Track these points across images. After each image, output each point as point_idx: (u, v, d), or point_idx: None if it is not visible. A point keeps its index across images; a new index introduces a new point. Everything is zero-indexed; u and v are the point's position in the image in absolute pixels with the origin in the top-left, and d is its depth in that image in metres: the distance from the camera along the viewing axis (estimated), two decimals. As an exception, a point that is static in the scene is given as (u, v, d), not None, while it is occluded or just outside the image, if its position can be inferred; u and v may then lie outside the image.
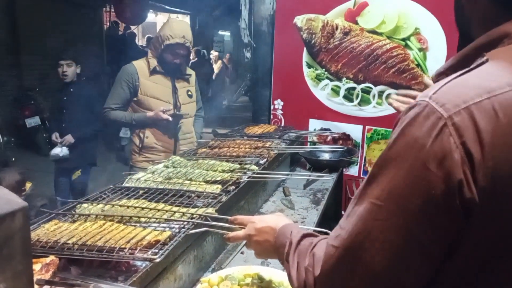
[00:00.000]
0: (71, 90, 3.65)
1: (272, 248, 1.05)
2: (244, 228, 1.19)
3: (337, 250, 0.72)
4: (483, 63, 0.67)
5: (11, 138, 6.62)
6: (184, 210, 1.49)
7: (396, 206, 0.65)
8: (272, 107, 3.61)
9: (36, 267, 1.05)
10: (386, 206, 0.66)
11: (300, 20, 3.34)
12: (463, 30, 0.83)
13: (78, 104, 3.54)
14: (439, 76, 0.75)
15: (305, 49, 3.40)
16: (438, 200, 0.61)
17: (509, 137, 0.60)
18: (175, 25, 2.73)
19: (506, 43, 0.69)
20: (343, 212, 3.31)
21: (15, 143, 6.71)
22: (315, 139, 3.43)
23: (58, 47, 8.32)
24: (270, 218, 1.14)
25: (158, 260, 1.15)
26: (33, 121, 6.93)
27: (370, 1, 3.13)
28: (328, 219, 3.29)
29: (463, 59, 0.73)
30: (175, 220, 1.41)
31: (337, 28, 3.25)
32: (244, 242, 1.22)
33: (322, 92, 3.38)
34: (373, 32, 3.15)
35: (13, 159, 6.34)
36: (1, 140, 6.18)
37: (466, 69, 0.68)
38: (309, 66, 3.40)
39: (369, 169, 0.68)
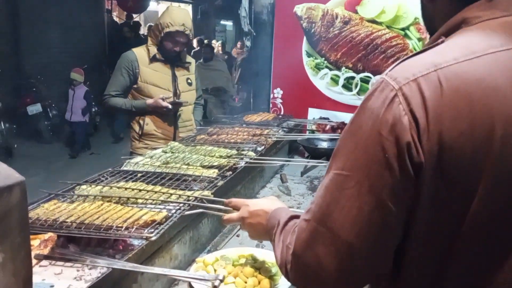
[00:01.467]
0: None
1: (264, 230, 1.08)
2: (238, 211, 1.22)
3: (308, 223, 0.75)
4: (437, 44, 0.73)
5: (13, 126, 6.67)
6: (181, 192, 1.53)
7: (360, 173, 0.70)
8: (271, 95, 3.63)
9: (35, 242, 1.09)
10: (351, 175, 0.71)
11: (300, 9, 3.35)
12: (429, 27, 0.89)
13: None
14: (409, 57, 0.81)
15: (305, 38, 3.41)
16: (392, 163, 0.67)
17: (453, 105, 0.66)
18: (175, 13, 2.74)
19: (464, 28, 0.75)
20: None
21: (16, 131, 6.76)
22: (314, 127, 3.45)
23: (59, 35, 8.34)
24: (264, 202, 1.17)
25: (153, 238, 1.19)
26: (34, 109, 6.97)
27: (370, -10, 3.13)
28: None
29: (432, 41, 0.79)
30: (172, 202, 1.44)
31: (337, 17, 3.25)
32: (239, 224, 1.24)
33: (321, 81, 3.40)
34: (372, 21, 3.15)
35: (15, 146, 6.40)
36: (3, 127, 6.23)
37: (421, 49, 0.74)
38: (309, 55, 3.41)
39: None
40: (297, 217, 0.93)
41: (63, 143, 7.21)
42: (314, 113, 3.47)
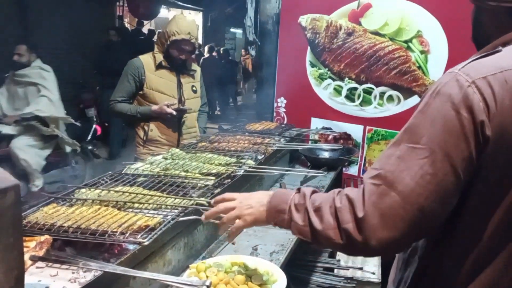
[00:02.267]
0: None
1: (265, 208, 1.10)
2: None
3: (379, 187, 0.87)
4: (497, 51, 0.94)
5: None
6: (177, 198, 1.56)
7: (436, 145, 0.85)
8: (275, 104, 3.66)
9: (31, 244, 1.12)
10: (426, 148, 0.86)
11: (304, 20, 3.39)
12: (480, 42, 1.07)
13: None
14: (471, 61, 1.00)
15: (309, 48, 3.44)
16: (468, 136, 0.84)
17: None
18: (181, 22, 2.80)
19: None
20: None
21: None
22: (316, 137, 3.47)
23: (69, 41, 8.48)
24: (255, 192, 1.20)
25: (146, 243, 1.22)
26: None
27: (373, 2, 3.16)
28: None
29: (485, 50, 0.98)
30: (167, 207, 1.48)
31: (340, 28, 3.29)
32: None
33: (324, 91, 3.43)
34: (376, 33, 3.18)
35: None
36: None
37: (483, 53, 0.95)
38: (313, 65, 3.45)
39: (369, 169, 0.81)
40: (315, 191, 1.04)
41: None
42: (317, 123, 3.50)
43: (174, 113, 2.76)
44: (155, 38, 11.70)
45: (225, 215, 1.18)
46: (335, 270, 2.61)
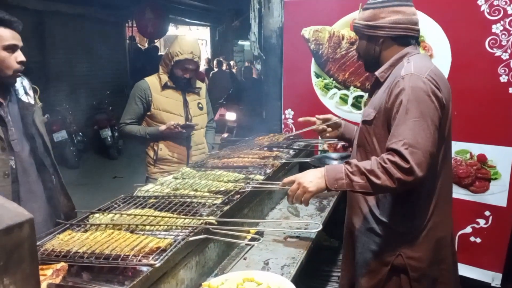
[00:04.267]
0: None
1: (323, 179, 1.63)
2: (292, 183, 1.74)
3: (408, 149, 1.49)
4: (405, 62, 1.70)
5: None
6: (187, 218, 1.60)
7: (426, 116, 1.53)
8: (283, 116, 3.70)
9: (48, 272, 1.18)
10: (422, 118, 1.52)
11: (307, 32, 3.43)
12: (370, 58, 1.83)
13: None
14: (380, 73, 1.77)
15: (313, 59, 3.48)
16: (437, 107, 1.57)
17: (441, 83, 1.63)
18: (183, 42, 2.87)
19: (409, 56, 1.72)
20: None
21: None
22: (325, 147, 3.49)
23: (84, 64, 8.70)
24: (306, 172, 1.74)
25: (158, 265, 1.27)
26: (60, 135, 7.24)
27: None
28: (340, 226, 3.34)
29: (390, 65, 1.75)
30: (177, 228, 1.52)
31: (343, 38, 3.32)
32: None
33: (330, 101, 3.45)
34: (378, 41, 3.19)
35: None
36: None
37: (404, 61, 1.71)
38: (318, 76, 3.48)
39: (394, 140, 1.59)
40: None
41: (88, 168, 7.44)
42: (325, 133, 3.51)
43: (183, 131, 2.82)
44: (160, 52, 11.96)
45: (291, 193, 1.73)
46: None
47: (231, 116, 7.48)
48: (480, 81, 2.79)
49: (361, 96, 3.34)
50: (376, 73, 1.79)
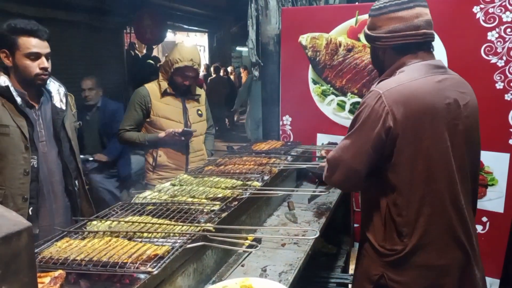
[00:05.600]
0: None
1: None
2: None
3: (334, 160, 1.68)
4: (394, 75, 1.64)
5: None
6: (184, 225, 1.61)
7: (362, 134, 1.57)
8: (281, 123, 3.71)
9: (46, 280, 1.18)
10: (356, 137, 1.59)
11: (304, 39, 3.46)
12: (379, 66, 1.78)
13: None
14: (380, 81, 1.69)
15: (310, 66, 3.50)
16: (381, 132, 1.53)
17: (405, 103, 1.52)
18: (183, 49, 2.89)
19: (404, 66, 1.64)
20: (351, 224, 3.36)
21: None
22: (323, 153, 3.50)
23: (81, 70, 8.71)
24: None
25: (155, 272, 1.27)
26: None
27: (371, 18, 3.21)
28: (338, 232, 3.35)
29: (387, 74, 1.68)
30: (175, 235, 1.52)
31: (340, 45, 3.35)
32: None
33: (328, 107, 3.47)
34: (375, 48, 3.22)
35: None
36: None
37: (388, 77, 1.66)
38: (315, 83, 3.50)
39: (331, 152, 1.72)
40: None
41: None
42: (322, 139, 3.54)
43: (182, 138, 2.83)
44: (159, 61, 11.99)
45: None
46: (349, 286, 2.61)
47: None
48: (476, 88, 2.78)
49: (358, 103, 3.36)
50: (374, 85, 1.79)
